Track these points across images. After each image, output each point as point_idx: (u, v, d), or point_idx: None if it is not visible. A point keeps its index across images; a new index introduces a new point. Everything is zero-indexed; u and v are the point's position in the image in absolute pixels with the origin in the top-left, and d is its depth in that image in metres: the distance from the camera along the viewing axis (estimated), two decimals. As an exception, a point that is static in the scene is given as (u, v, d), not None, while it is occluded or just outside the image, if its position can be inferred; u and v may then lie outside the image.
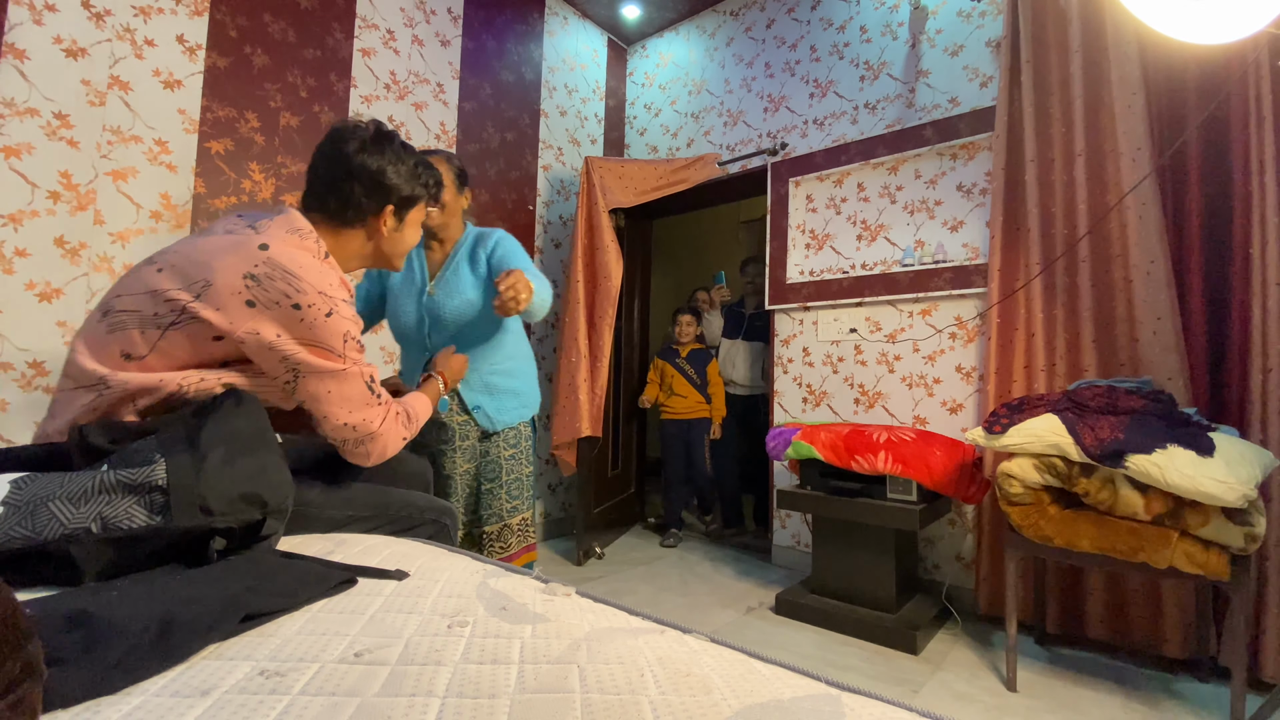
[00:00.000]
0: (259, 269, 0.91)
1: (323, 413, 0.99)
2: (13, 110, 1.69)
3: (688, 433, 3.41)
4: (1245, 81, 1.89)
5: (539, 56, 3.38)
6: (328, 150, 1.07)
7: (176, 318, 0.88)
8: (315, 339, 0.94)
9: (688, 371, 3.43)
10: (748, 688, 0.55)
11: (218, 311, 0.88)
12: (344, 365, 0.98)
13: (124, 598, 0.62)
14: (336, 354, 0.97)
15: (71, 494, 0.69)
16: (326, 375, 0.97)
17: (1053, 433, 1.71)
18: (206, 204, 2.07)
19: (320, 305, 0.94)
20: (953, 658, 2.02)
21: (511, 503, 1.67)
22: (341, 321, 0.97)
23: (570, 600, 0.76)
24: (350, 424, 1.01)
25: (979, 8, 2.54)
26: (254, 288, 0.90)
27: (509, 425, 1.68)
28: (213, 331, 0.89)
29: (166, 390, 0.89)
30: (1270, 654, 1.75)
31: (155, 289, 0.89)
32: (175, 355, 0.89)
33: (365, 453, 1.06)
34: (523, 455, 1.72)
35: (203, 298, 0.88)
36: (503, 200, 3.15)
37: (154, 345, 0.89)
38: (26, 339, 1.71)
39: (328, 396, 0.98)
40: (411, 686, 0.53)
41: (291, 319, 0.92)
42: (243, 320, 0.90)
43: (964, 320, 2.49)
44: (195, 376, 0.91)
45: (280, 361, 0.93)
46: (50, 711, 0.45)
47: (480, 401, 1.64)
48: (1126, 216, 2.04)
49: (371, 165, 1.06)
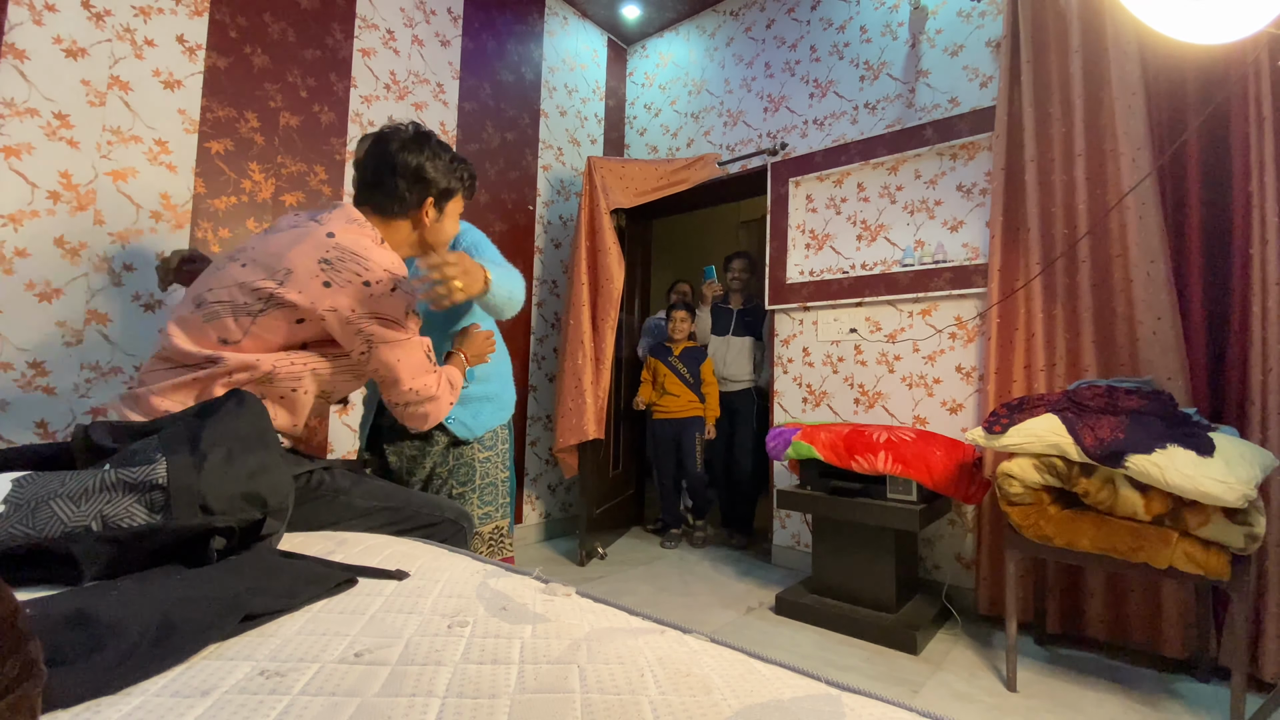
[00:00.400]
0: (330, 253, 1.04)
1: (394, 378, 1.12)
2: (13, 110, 1.69)
3: (679, 433, 3.31)
4: (1245, 81, 1.89)
5: (539, 56, 3.38)
6: (374, 149, 1.20)
7: (265, 305, 1.02)
8: (383, 311, 1.07)
9: (681, 370, 3.31)
10: (748, 688, 0.55)
11: (300, 294, 1.02)
12: (408, 335, 1.11)
13: (124, 598, 0.62)
14: (401, 325, 1.10)
15: (72, 492, 0.69)
16: (396, 345, 1.10)
17: (1053, 433, 1.71)
18: (206, 204, 2.07)
19: (386, 281, 1.07)
20: (953, 658, 2.02)
21: (483, 509, 1.58)
22: (404, 296, 1.10)
23: (570, 600, 0.76)
24: (415, 389, 1.15)
25: (979, 8, 2.54)
26: (328, 270, 1.03)
27: (487, 429, 1.60)
28: (296, 314, 1.03)
29: (262, 370, 1.02)
30: (1270, 654, 1.75)
31: (243, 281, 1.03)
32: (265, 339, 1.03)
33: (424, 414, 1.19)
34: (499, 459, 1.63)
35: (285, 284, 1.02)
36: (503, 200, 3.15)
37: (247, 330, 1.02)
38: (26, 339, 1.71)
39: (398, 364, 1.11)
40: (412, 686, 0.53)
41: (363, 295, 1.05)
42: (323, 299, 1.03)
43: (964, 320, 2.49)
44: (285, 360, 1.04)
45: (356, 335, 1.06)
46: (50, 711, 0.45)
47: (453, 414, 1.54)
48: (1126, 216, 2.04)
49: (412, 162, 1.18)
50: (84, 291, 1.82)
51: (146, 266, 1.94)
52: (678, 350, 3.33)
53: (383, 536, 1.04)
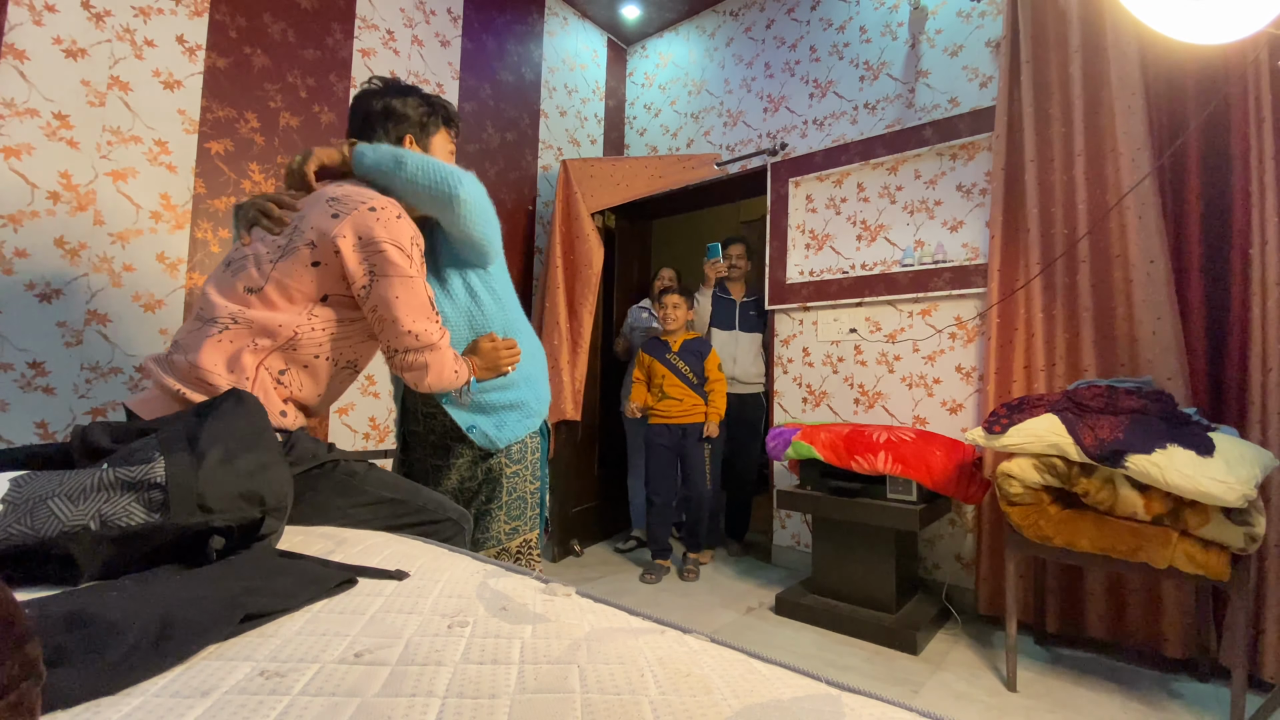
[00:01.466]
0: (337, 192, 1.12)
1: (391, 316, 1.10)
2: (13, 110, 1.69)
3: (681, 441, 2.79)
4: (1245, 81, 1.89)
5: (539, 57, 3.38)
6: (350, 114, 1.28)
7: (283, 250, 1.08)
8: (390, 236, 1.08)
9: (681, 369, 2.79)
10: (748, 688, 0.55)
11: (312, 229, 1.07)
12: (413, 271, 1.11)
13: (124, 598, 0.62)
14: (406, 252, 1.10)
15: (70, 491, 0.69)
16: (397, 280, 1.09)
17: (1053, 433, 1.71)
18: (206, 204, 2.07)
19: (391, 209, 1.10)
20: (953, 658, 2.02)
21: (511, 524, 1.49)
22: (408, 225, 1.12)
23: (570, 600, 0.76)
24: (414, 331, 1.13)
25: (979, 8, 2.54)
26: (335, 204, 1.09)
27: (514, 440, 1.47)
28: (313, 255, 1.06)
29: (284, 335, 1.05)
30: (1270, 654, 1.75)
31: (265, 239, 1.11)
32: (286, 286, 1.06)
33: (424, 364, 1.16)
34: (527, 471, 1.52)
35: (300, 227, 1.09)
36: (502, 200, 3.15)
37: (268, 276, 1.06)
38: (26, 339, 1.71)
39: (396, 301, 1.10)
40: (411, 687, 0.53)
41: (369, 219, 1.08)
42: (330, 227, 1.06)
43: (964, 320, 2.49)
44: (305, 322, 1.07)
45: (362, 262, 1.07)
46: (50, 712, 0.45)
47: (474, 421, 1.42)
48: (1126, 216, 2.04)
49: (378, 105, 1.25)
50: (84, 291, 1.82)
51: (147, 266, 1.94)
52: (676, 344, 2.84)
53: (383, 536, 1.04)
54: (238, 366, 1.02)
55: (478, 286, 1.40)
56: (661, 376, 2.83)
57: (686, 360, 2.83)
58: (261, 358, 1.05)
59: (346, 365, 1.19)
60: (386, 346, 1.16)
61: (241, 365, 1.02)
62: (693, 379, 2.81)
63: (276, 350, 1.06)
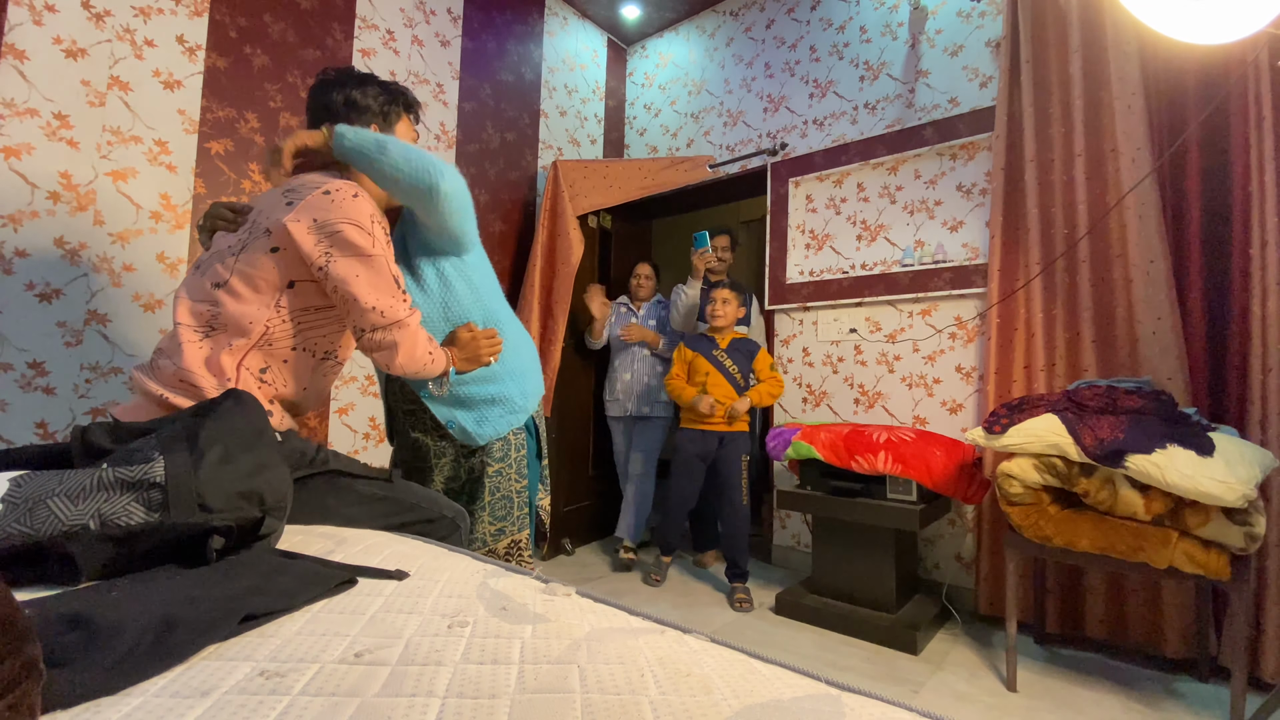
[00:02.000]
0: (293, 183, 1.10)
1: (352, 294, 1.06)
2: (13, 110, 1.69)
3: (717, 451, 2.52)
4: (1245, 81, 1.89)
5: (539, 57, 3.37)
6: (310, 100, 1.24)
7: (243, 241, 1.07)
8: (346, 215, 1.05)
9: (728, 368, 2.54)
10: (748, 688, 0.55)
11: (268, 218, 1.06)
12: (374, 249, 1.07)
13: (124, 598, 0.62)
14: (366, 230, 1.06)
15: (70, 491, 0.69)
16: (355, 258, 1.06)
17: (1053, 433, 1.71)
18: (206, 204, 2.07)
19: (346, 189, 1.07)
20: (953, 658, 2.02)
21: (496, 525, 1.45)
22: (366, 203, 1.08)
23: (570, 600, 0.76)
24: (378, 308, 1.08)
25: (979, 8, 2.54)
26: (290, 194, 1.07)
27: (496, 436, 1.43)
28: (269, 243, 1.04)
29: (257, 332, 1.04)
30: (1270, 654, 1.75)
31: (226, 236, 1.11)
32: (251, 276, 1.04)
33: (392, 341, 1.12)
34: (512, 469, 1.47)
35: (257, 220, 1.08)
36: (502, 200, 3.15)
37: (233, 268, 1.04)
38: (26, 339, 1.71)
39: (356, 280, 1.06)
40: (411, 687, 0.53)
41: (323, 202, 1.05)
42: (284, 213, 1.04)
43: (964, 320, 2.49)
44: (276, 316, 1.06)
45: (318, 243, 1.04)
46: (50, 712, 0.45)
47: (453, 416, 1.39)
48: (1126, 216, 2.04)
49: (338, 98, 1.23)
50: (84, 291, 1.82)
51: (147, 266, 1.94)
52: (724, 342, 2.59)
53: (383, 536, 1.04)
54: (218, 369, 1.02)
55: (452, 275, 1.37)
56: (705, 374, 2.54)
57: (735, 360, 2.56)
58: (239, 357, 1.04)
59: (325, 356, 1.17)
60: (354, 328, 1.12)
61: (221, 367, 1.02)
62: (740, 381, 2.55)
63: (254, 348, 1.05)
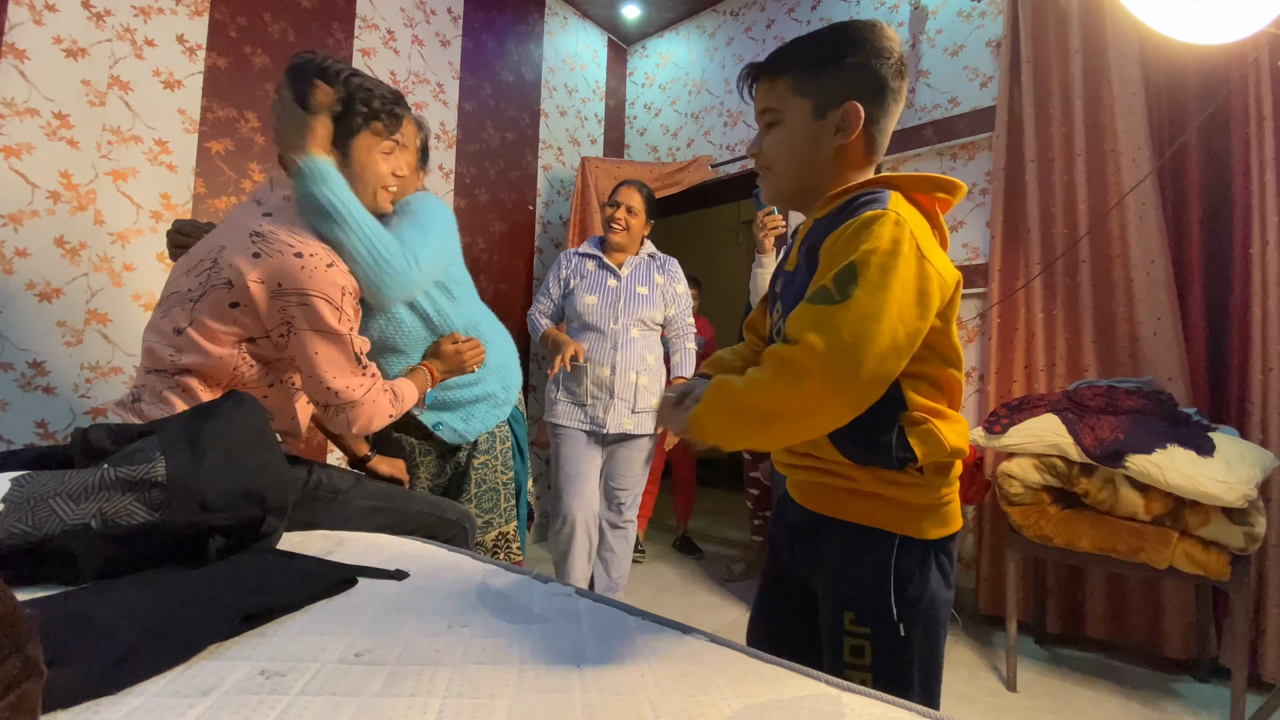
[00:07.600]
0: (263, 226, 0.98)
1: (310, 371, 1.02)
2: (13, 110, 1.69)
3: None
4: (1245, 81, 1.89)
5: (539, 56, 3.37)
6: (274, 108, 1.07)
7: (204, 286, 0.97)
8: (317, 288, 0.97)
9: None
10: (748, 687, 0.55)
11: (230, 266, 0.96)
12: (340, 326, 1.01)
13: (124, 598, 0.62)
14: (335, 305, 0.99)
15: (72, 491, 0.69)
16: (318, 336, 1.00)
17: (1053, 433, 1.71)
18: (206, 204, 2.07)
19: (320, 257, 0.98)
20: (953, 658, 2.02)
21: (483, 517, 1.45)
22: (340, 275, 1.00)
23: (570, 600, 0.76)
24: (333, 389, 1.04)
25: (979, 8, 2.54)
26: (259, 242, 0.96)
27: (481, 433, 1.45)
28: (230, 296, 0.96)
29: (226, 378, 1.00)
30: (1270, 654, 1.75)
31: (189, 269, 1.00)
32: (208, 325, 0.97)
33: (346, 420, 1.08)
34: (497, 461, 1.48)
35: (219, 260, 0.97)
36: (502, 200, 3.15)
37: (191, 316, 0.97)
38: (26, 339, 1.71)
39: (316, 358, 1.01)
40: (411, 686, 0.53)
41: (292, 266, 0.96)
42: (250, 269, 0.95)
43: (964, 320, 2.49)
44: (244, 363, 1.00)
45: (280, 310, 0.97)
46: (50, 712, 0.45)
47: (440, 419, 1.40)
48: (1126, 216, 2.04)
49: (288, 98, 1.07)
50: (84, 291, 1.82)
51: (147, 266, 1.94)
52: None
53: (383, 536, 1.04)
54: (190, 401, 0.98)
55: (434, 292, 1.35)
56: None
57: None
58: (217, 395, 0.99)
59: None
60: (307, 393, 1.07)
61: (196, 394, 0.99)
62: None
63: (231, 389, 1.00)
